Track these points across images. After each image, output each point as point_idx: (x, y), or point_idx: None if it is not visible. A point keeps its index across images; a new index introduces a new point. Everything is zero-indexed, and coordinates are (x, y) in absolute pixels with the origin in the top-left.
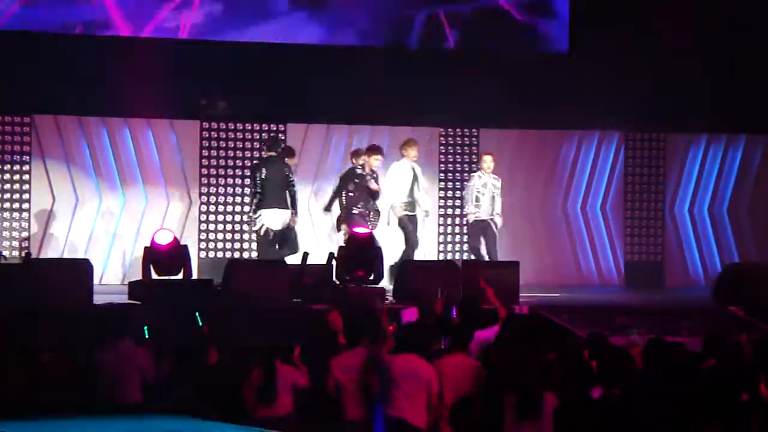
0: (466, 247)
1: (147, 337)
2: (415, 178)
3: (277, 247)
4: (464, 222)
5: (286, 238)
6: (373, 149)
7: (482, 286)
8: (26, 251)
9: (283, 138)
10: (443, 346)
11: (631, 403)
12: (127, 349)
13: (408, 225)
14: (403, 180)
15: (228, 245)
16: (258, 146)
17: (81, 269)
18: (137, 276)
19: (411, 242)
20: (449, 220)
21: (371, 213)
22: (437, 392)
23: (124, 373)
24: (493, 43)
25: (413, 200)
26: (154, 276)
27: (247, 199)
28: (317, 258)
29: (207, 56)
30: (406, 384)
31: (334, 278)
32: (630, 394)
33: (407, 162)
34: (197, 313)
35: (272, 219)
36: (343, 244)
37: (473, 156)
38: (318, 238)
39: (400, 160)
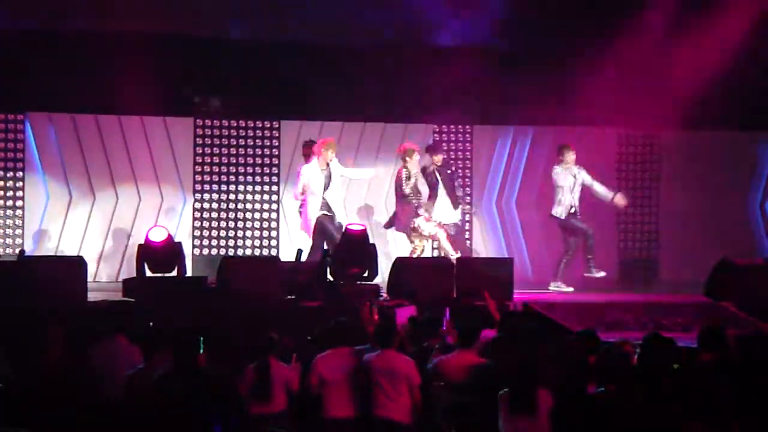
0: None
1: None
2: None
3: None
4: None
5: None
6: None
7: (486, 297)
8: (20, 249)
9: (277, 135)
10: (441, 345)
11: (627, 399)
12: (121, 346)
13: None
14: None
15: (222, 242)
16: (252, 143)
17: (75, 267)
18: (131, 273)
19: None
20: None
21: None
22: (419, 385)
23: (116, 370)
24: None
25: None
26: (149, 273)
27: (240, 197)
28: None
29: (200, 53)
30: (385, 381)
31: (328, 275)
32: (625, 389)
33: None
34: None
35: None
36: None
37: (467, 153)
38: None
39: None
